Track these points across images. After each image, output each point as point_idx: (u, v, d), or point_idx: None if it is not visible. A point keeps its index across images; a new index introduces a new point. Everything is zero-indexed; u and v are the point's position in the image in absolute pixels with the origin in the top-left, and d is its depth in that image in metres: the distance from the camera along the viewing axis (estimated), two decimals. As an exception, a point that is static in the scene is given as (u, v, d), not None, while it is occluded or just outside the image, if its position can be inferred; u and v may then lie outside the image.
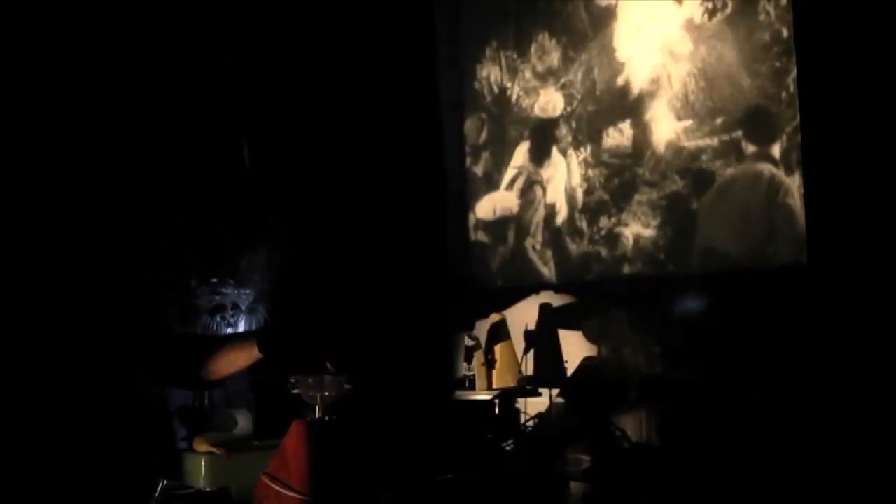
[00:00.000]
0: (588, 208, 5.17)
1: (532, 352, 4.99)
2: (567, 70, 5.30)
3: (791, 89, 4.31)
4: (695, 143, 4.70)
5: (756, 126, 4.48)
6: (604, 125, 5.10)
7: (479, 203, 5.76)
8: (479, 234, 5.75)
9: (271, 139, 5.15)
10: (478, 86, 5.80)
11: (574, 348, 4.90)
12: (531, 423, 4.81)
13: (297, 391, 3.27)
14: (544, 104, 5.43)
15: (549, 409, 4.83)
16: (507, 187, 5.61)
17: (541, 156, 5.44)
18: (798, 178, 4.27)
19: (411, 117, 5.65)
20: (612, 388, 4.67)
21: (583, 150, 5.21)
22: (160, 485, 3.51)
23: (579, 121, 5.24)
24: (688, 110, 4.73)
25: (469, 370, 4.74)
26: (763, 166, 4.44)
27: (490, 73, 5.74)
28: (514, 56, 5.60)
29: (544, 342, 4.96)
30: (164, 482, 3.51)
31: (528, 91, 5.52)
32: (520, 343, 4.91)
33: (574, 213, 5.23)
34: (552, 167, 5.37)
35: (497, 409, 4.56)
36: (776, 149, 4.39)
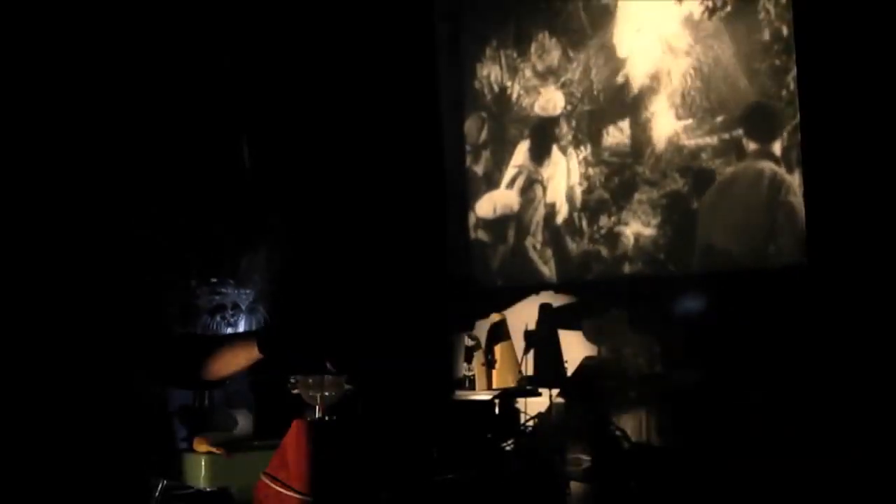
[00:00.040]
0: (588, 207, 5.17)
1: (532, 352, 4.99)
2: (567, 69, 5.30)
3: (791, 87, 4.31)
4: (695, 142, 4.70)
5: (756, 124, 4.47)
6: (604, 124, 5.10)
7: (479, 202, 5.75)
8: (479, 233, 5.74)
9: (271, 139, 5.15)
10: (478, 85, 5.80)
11: (574, 348, 4.89)
12: (531, 423, 4.80)
13: (297, 391, 3.27)
14: (544, 103, 5.42)
15: (549, 409, 4.82)
16: (507, 186, 5.61)
17: (541, 155, 5.44)
18: (799, 177, 4.26)
19: (411, 117, 5.64)
20: (612, 388, 4.67)
21: (583, 148, 5.20)
22: (160, 485, 3.51)
23: (579, 119, 5.24)
24: (687, 108, 4.73)
25: (469, 370, 4.74)
26: (764, 164, 4.43)
27: (490, 72, 5.73)
28: (515, 55, 5.59)
29: (544, 342, 4.96)
30: (164, 482, 3.51)
31: (528, 90, 5.51)
32: (520, 343, 4.91)
33: (574, 212, 5.23)
34: (552, 166, 5.37)
35: (497, 409, 4.55)
36: (777, 146, 4.38)
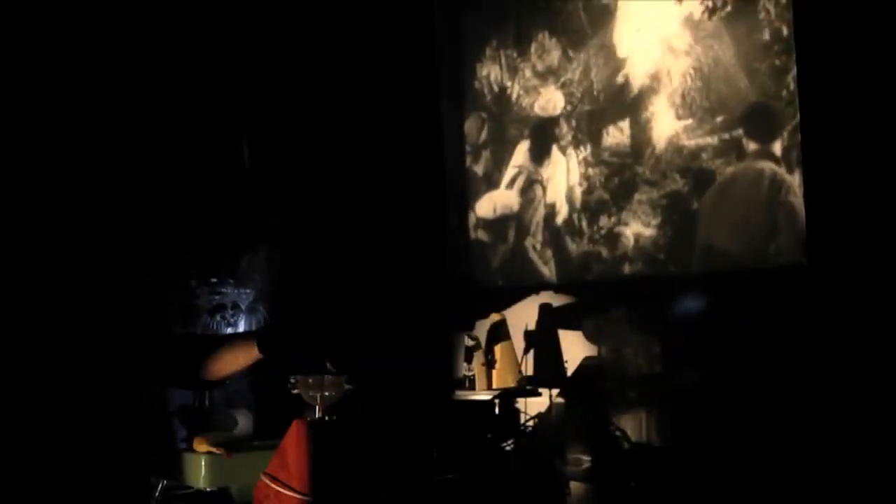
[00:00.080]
0: (588, 207, 5.16)
1: (532, 352, 4.99)
2: (567, 69, 5.30)
3: (791, 87, 4.31)
4: (695, 142, 4.69)
5: (756, 124, 4.46)
6: (604, 124, 5.10)
7: (479, 202, 5.75)
8: (479, 233, 5.74)
9: (271, 139, 5.15)
10: (478, 85, 5.80)
11: (574, 348, 4.89)
12: (531, 423, 4.80)
13: (297, 391, 3.28)
14: (544, 103, 5.42)
15: (549, 409, 4.82)
16: (507, 186, 5.61)
17: (541, 155, 5.44)
18: (799, 177, 4.26)
19: (411, 117, 5.64)
20: (612, 388, 4.66)
21: (583, 148, 5.20)
22: (160, 485, 3.52)
23: (579, 119, 5.24)
24: (688, 109, 4.73)
25: (469, 370, 4.74)
26: (764, 164, 4.43)
27: (490, 72, 5.73)
28: (514, 55, 5.59)
29: (544, 342, 4.96)
30: (164, 482, 3.51)
31: (528, 90, 5.51)
32: (520, 343, 4.91)
33: (574, 212, 5.22)
34: (552, 166, 5.37)
35: (497, 409, 4.55)
36: (777, 146, 4.38)
